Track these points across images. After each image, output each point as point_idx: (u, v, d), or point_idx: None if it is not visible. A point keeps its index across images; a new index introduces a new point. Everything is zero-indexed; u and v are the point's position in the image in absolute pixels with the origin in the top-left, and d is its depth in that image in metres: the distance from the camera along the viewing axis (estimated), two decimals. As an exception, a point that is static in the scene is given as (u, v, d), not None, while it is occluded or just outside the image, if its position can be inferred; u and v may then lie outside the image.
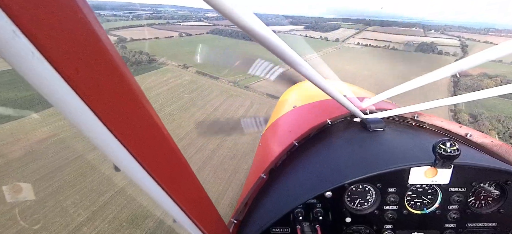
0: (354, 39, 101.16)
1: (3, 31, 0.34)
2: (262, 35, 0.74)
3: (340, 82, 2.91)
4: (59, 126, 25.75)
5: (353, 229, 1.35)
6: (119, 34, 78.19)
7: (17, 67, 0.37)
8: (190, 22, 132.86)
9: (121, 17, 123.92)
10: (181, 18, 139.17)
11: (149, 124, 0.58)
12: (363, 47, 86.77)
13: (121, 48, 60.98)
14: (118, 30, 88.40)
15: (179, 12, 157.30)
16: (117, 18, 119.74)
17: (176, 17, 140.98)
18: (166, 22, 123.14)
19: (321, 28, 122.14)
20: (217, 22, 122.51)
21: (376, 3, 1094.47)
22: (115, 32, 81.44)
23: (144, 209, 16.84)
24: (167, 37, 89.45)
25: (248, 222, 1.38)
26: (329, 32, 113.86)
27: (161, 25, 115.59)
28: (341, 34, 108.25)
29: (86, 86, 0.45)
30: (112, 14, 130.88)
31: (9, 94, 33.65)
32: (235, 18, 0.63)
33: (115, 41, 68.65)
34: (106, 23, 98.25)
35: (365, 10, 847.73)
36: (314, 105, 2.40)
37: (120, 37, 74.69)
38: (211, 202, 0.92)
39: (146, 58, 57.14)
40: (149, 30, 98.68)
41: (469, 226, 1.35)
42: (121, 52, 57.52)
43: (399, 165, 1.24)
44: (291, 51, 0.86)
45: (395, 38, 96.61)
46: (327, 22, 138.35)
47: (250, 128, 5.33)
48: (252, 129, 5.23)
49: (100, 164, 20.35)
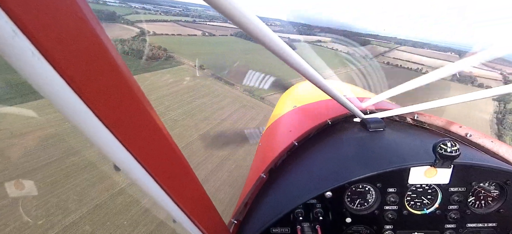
0: (384, 57, 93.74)
1: (3, 31, 0.34)
2: (263, 35, 0.74)
3: (340, 82, 2.92)
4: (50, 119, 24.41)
5: (353, 229, 1.34)
6: (142, 27, 77.84)
7: (17, 67, 0.37)
8: (216, 22, 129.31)
9: (150, 11, 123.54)
10: (208, 18, 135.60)
11: (149, 124, 0.58)
12: (393, 67, 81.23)
13: (140, 41, 60.28)
14: (143, 23, 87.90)
15: (208, 11, 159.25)
16: (146, 12, 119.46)
17: (203, 16, 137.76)
18: (193, 20, 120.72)
19: (350, 43, 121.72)
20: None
21: (409, 23, 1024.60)
22: (140, 25, 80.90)
23: (144, 209, 16.45)
24: (190, 35, 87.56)
25: (248, 222, 1.37)
26: (356, 48, 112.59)
27: (187, 23, 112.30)
28: (371, 51, 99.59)
29: (86, 86, 0.45)
30: (142, 7, 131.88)
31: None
32: (235, 17, 0.63)
33: (137, 33, 68.62)
34: (134, 15, 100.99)
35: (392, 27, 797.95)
36: (314, 105, 2.41)
37: (142, 30, 74.26)
38: (211, 202, 0.92)
39: (163, 54, 55.89)
40: (174, 27, 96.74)
41: (469, 226, 1.35)
42: (138, 45, 57.21)
43: (399, 165, 1.24)
44: (291, 51, 0.86)
45: (428, 62, 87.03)
46: (355, 36, 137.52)
47: (254, 138, 5.22)
48: (253, 140, 5.10)
49: (100, 163, 19.54)
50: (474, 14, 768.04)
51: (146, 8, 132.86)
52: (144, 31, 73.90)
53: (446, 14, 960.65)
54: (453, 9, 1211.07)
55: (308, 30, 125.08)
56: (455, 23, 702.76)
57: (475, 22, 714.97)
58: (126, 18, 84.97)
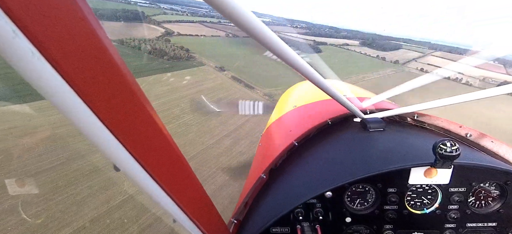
0: (417, 63, 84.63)
1: (3, 31, 0.34)
2: (263, 35, 0.74)
3: (340, 82, 2.92)
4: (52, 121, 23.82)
5: (353, 229, 1.35)
6: (168, 27, 78.23)
7: (17, 67, 0.37)
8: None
9: (177, 12, 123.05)
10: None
11: (149, 124, 0.59)
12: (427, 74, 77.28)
13: (164, 41, 60.36)
14: (170, 23, 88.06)
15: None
16: (173, 12, 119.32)
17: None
18: (218, 21, 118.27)
19: (379, 47, 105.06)
20: (271, 28, 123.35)
21: (443, 27, 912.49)
22: (166, 25, 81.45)
23: (144, 209, 16.23)
24: (214, 36, 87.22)
25: (248, 222, 1.38)
26: (388, 52, 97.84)
27: (212, 24, 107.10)
28: (402, 56, 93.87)
29: (86, 86, 0.45)
30: (170, 8, 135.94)
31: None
32: (234, 17, 0.63)
33: (162, 33, 69.03)
34: (162, 15, 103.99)
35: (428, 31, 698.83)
36: (314, 105, 2.41)
37: (167, 30, 74.69)
38: (211, 202, 0.92)
39: (185, 54, 55.74)
40: (199, 27, 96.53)
41: (469, 226, 1.36)
42: (162, 45, 57.24)
43: (399, 165, 1.24)
44: (291, 51, 0.86)
45: (468, 71, 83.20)
46: (386, 40, 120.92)
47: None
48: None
49: (99, 163, 19.34)
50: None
51: (174, 8, 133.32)
52: (169, 31, 74.45)
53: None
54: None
55: (335, 33, 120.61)
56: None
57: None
58: (153, 19, 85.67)
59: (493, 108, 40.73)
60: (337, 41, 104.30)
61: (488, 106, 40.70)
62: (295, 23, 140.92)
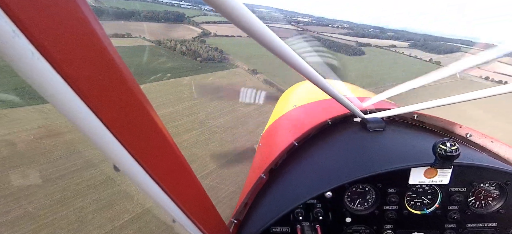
0: (480, 70, 73.36)
1: (3, 31, 0.34)
2: (263, 35, 0.74)
3: (340, 82, 2.91)
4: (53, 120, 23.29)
5: (353, 229, 1.35)
6: (205, 28, 78.35)
7: (17, 67, 0.37)
8: (278, 24, 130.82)
9: (218, 13, 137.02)
10: (271, 20, 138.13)
11: (149, 124, 0.59)
12: (494, 83, 59.53)
13: (200, 42, 59.67)
14: (209, 24, 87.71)
15: (273, 13, 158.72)
16: (213, 14, 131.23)
17: (267, 17, 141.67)
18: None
19: (433, 49, 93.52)
20: (306, 28, 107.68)
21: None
22: (204, 26, 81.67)
23: (144, 209, 16.04)
24: (249, 36, 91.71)
25: (248, 222, 1.39)
26: (442, 55, 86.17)
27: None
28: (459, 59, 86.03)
29: (86, 86, 0.45)
30: (211, 9, 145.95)
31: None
32: (234, 16, 0.64)
33: (199, 34, 69.09)
34: (202, 17, 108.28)
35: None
36: (314, 105, 2.40)
37: (204, 31, 74.73)
38: (211, 202, 0.92)
39: (219, 55, 54.73)
40: (235, 29, 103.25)
41: (469, 226, 1.36)
42: (196, 46, 55.88)
43: (399, 165, 1.24)
44: (291, 51, 0.86)
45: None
46: (440, 41, 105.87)
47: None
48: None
49: (100, 163, 19.19)
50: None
51: (215, 10, 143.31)
52: (206, 32, 74.47)
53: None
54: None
55: (380, 33, 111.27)
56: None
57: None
58: (193, 20, 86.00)
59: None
60: (383, 42, 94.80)
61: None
62: (337, 23, 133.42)
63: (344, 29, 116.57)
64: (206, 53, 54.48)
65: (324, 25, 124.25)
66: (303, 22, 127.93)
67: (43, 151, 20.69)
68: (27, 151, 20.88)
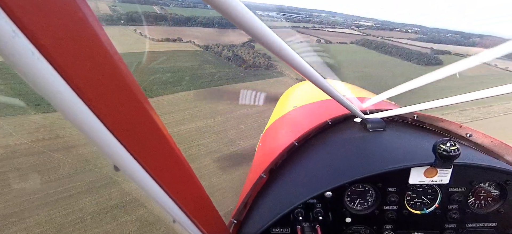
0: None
1: (3, 31, 0.34)
2: (262, 35, 0.74)
3: (340, 82, 2.91)
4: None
5: (353, 229, 1.35)
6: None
7: (17, 67, 0.37)
8: (338, 28, 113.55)
9: (273, 18, 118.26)
10: (331, 24, 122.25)
11: (149, 124, 0.59)
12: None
13: (248, 47, 56.69)
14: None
15: (333, 18, 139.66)
16: (268, 18, 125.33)
17: (325, 22, 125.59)
18: (312, 26, 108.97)
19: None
20: (369, 32, 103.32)
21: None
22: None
23: (144, 209, 16.01)
24: (301, 41, 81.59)
25: (248, 222, 1.39)
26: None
27: (305, 29, 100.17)
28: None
29: (86, 86, 0.45)
30: (267, 15, 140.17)
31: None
32: (233, 16, 0.63)
33: (249, 39, 63.95)
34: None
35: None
36: (314, 106, 2.41)
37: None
38: (211, 202, 0.92)
39: (265, 62, 51.01)
40: (289, 32, 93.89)
41: (469, 226, 1.36)
42: (243, 52, 53.05)
43: (399, 165, 1.24)
44: (291, 51, 0.86)
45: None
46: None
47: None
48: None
49: (100, 163, 19.03)
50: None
51: (270, 15, 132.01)
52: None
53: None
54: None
55: (462, 38, 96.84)
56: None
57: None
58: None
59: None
60: (467, 50, 75.12)
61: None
62: (406, 27, 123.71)
63: (414, 34, 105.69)
64: (252, 59, 52.01)
65: (390, 29, 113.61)
66: (365, 26, 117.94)
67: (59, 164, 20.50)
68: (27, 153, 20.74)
